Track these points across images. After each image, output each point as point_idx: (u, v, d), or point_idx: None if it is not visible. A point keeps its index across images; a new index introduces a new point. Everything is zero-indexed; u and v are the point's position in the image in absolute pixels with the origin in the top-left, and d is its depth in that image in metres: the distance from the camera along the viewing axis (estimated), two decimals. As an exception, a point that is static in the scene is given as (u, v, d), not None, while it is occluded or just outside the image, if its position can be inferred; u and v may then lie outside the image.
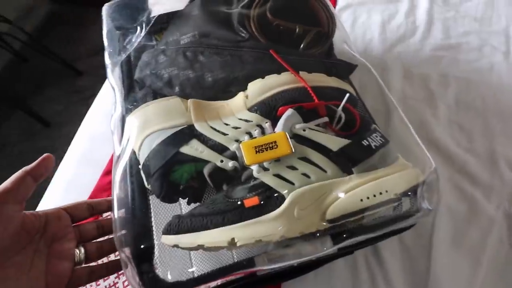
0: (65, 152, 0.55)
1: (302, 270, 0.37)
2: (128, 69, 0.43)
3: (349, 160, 0.29)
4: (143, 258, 0.30)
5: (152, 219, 0.34)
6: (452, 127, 0.50)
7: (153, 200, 0.35)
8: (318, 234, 0.29)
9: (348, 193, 0.28)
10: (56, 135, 1.35)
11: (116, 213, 0.31)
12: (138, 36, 0.42)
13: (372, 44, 0.61)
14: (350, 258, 0.41)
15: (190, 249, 0.28)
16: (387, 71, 0.56)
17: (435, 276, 0.39)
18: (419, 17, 0.62)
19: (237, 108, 0.35)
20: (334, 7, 0.67)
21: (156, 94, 0.40)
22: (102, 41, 0.43)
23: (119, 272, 0.39)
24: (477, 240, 0.41)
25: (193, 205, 0.34)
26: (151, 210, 0.34)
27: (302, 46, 0.40)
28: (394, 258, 0.40)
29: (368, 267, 0.41)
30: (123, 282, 0.40)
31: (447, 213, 0.43)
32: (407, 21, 0.62)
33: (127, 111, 0.37)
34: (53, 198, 0.49)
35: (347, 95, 0.33)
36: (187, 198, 0.34)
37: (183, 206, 0.36)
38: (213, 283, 0.30)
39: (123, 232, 0.30)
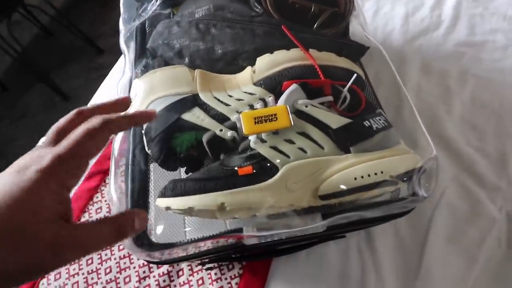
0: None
1: (293, 248, 0.38)
2: (142, 36, 0.44)
3: (348, 139, 0.29)
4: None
5: (151, 183, 0.35)
6: (465, 125, 0.48)
7: (154, 169, 0.36)
8: (309, 211, 0.29)
9: (343, 171, 0.27)
10: (73, 108, 1.39)
11: (113, 171, 0.32)
12: (153, 5, 0.42)
13: (393, 36, 0.59)
14: (343, 243, 0.41)
15: (181, 211, 0.29)
16: (405, 63, 0.55)
17: (426, 270, 0.38)
18: (445, 11, 0.60)
19: (244, 81, 0.35)
20: (357, -4, 0.65)
21: (167, 64, 0.40)
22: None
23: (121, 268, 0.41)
24: (475, 239, 0.40)
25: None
26: (151, 177, 0.35)
27: (316, 25, 0.39)
28: (387, 248, 0.40)
29: (360, 254, 0.40)
30: (124, 278, 0.41)
31: (447, 210, 0.42)
32: (432, 15, 0.60)
33: (136, 75, 0.38)
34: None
35: (355, 75, 0.32)
36: (185, 167, 0.35)
37: (183, 175, 0.36)
38: (202, 244, 0.30)
39: (120, 190, 0.31)
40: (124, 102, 0.26)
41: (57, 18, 1.51)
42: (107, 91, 0.60)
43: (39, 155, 0.20)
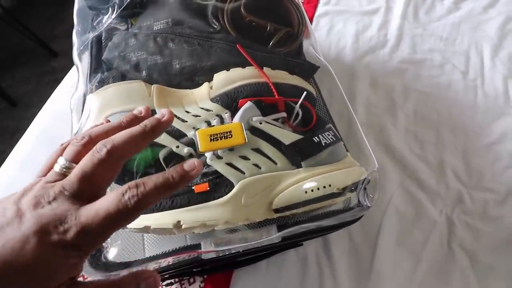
0: (28, 133, 0.53)
1: (254, 259, 0.38)
2: (97, 49, 0.43)
3: (299, 154, 0.30)
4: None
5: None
6: (408, 135, 0.53)
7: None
8: (264, 223, 0.31)
9: (294, 185, 0.29)
10: (21, 115, 1.29)
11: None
12: (109, 17, 0.41)
13: (345, 52, 0.63)
14: (301, 252, 0.42)
15: (137, 230, 0.29)
16: (356, 78, 0.59)
17: (377, 272, 0.41)
18: (390, 31, 0.66)
19: (201, 97, 0.36)
20: (313, 13, 0.69)
21: (123, 77, 0.39)
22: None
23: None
24: (419, 240, 0.44)
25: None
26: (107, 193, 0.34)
27: (271, 43, 0.41)
28: (342, 254, 0.43)
29: (318, 261, 0.42)
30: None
31: (395, 215, 0.46)
32: (379, 34, 0.65)
33: (90, 90, 0.37)
34: (7, 175, 0.47)
35: (305, 93, 0.35)
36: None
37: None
38: (162, 261, 0.30)
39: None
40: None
41: (3, 17, 1.39)
42: (59, 101, 0.57)
43: (61, 217, 0.17)
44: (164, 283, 0.38)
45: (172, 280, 0.39)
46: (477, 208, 0.47)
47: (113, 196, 0.18)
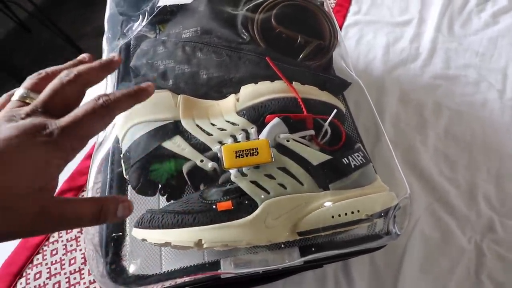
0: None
1: (271, 278, 0.37)
2: (126, 56, 0.43)
3: (327, 176, 0.29)
4: (112, 248, 0.30)
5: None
6: (438, 156, 0.50)
7: (131, 191, 0.35)
8: (286, 245, 0.29)
9: (321, 208, 0.28)
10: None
11: (90, 195, 0.31)
12: (140, 24, 0.41)
13: (374, 64, 0.61)
14: (319, 272, 0.41)
15: (158, 245, 0.28)
16: (384, 92, 0.57)
17: (400, 299, 0.39)
18: (423, 44, 0.63)
19: (227, 109, 0.35)
20: (342, 23, 0.67)
21: (149, 84, 0.39)
22: (108, 24, 0.43)
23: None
24: (445, 268, 0.42)
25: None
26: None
27: (301, 56, 0.40)
28: (362, 277, 0.41)
29: (337, 283, 0.41)
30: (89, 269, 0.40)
31: (420, 239, 0.43)
32: (411, 46, 0.63)
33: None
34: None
35: (335, 110, 0.33)
36: (166, 195, 0.34)
37: (162, 200, 0.35)
38: (179, 281, 0.30)
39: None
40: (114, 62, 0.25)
41: (35, 14, 1.45)
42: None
43: (41, 125, 0.18)
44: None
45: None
46: (509, 238, 0.44)
47: (88, 103, 0.20)
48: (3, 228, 0.17)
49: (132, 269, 0.30)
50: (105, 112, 0.21)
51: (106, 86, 0.38)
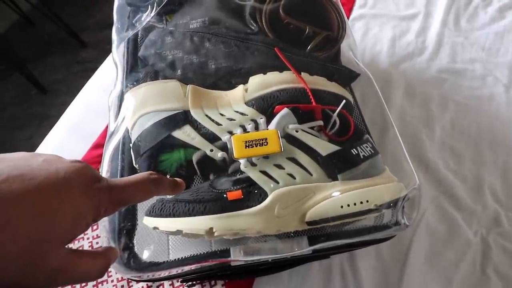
0: (57, 121, 0.55)
1: (277, 267, 0.38)
2: (134, 47, 0.43)
3: (336, 167, 0.29)
4: (125, 235, 0.31)
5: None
6: (444, 149, 0.50)
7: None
8: (295, 234, 0.30)
9: (330, 198, 0.28)
10: (51, 103, 1.33)
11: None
12: (148, 15, 0.41)
13: (380, 57, 0.61)
14: (325, 263, 0.41)
15: (169, 233, 0.29)
16: (390, 85, 0.56)
17: (405, 291, 0.39)
18: (429, 38, 0.63)
19: (236, 100, 0.35)
20: (348, 16, 0.67)
21: (158, 74, 0.39)
22: (112, 16, 0.43)
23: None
24: (451, 261, 0.42)
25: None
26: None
27: (309, 47, 0.40)
28: (368, 269, 0.41)
29: (342, 274, 0.41)
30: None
31: (426, 232, 0.44)
32: (417, 40, 0.63)
33: (127, 89, 0.37)
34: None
35: (344, 101, 0.33)
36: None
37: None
38: (188, 267, 0.30)
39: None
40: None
41: (38, 6, 1.44)
42: (92, 93, 0.58)
43: (95, 176, 0.19)
44: (186, 284, 0.38)
45: (194, 281, 0.39)
46: (515, 231, 0.44)
47: (140, 174, 0.21)
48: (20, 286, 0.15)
49: (145, 255, 0.30)
50: (152, 187, 0.21)
51: (116, 78, 0.38)
